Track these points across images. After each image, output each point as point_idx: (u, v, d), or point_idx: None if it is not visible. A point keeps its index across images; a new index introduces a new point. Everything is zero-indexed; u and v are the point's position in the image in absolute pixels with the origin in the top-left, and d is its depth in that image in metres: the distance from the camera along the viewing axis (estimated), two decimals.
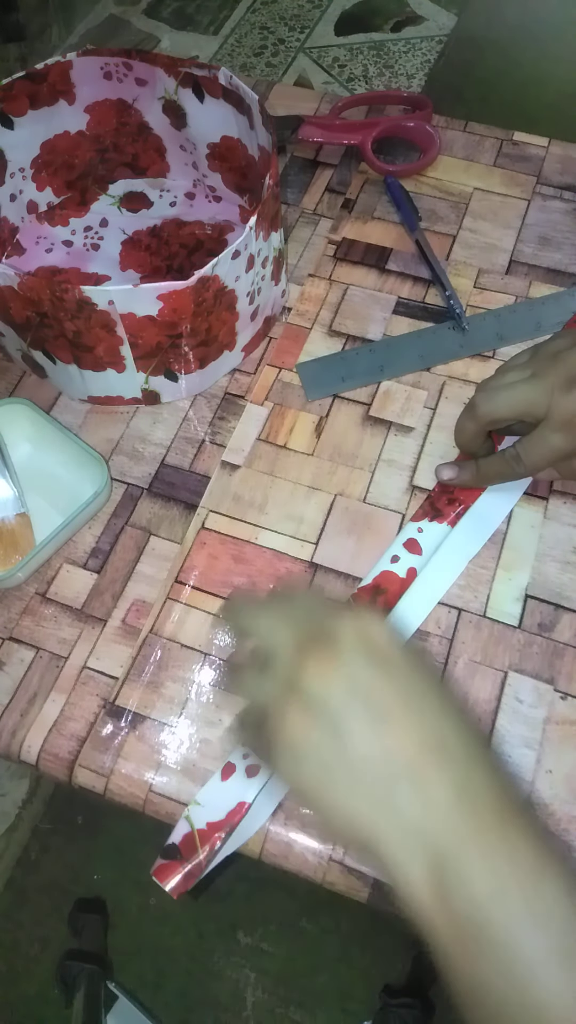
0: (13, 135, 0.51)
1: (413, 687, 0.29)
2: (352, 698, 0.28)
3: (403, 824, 0.27)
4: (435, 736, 0.28)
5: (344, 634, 0.30)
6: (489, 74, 1.62)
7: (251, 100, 0.47)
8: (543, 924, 0.26)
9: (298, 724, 0.29)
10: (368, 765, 0.28)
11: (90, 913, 0.89)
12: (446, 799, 0.27)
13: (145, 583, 0.44)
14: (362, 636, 0.30)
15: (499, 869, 0.26)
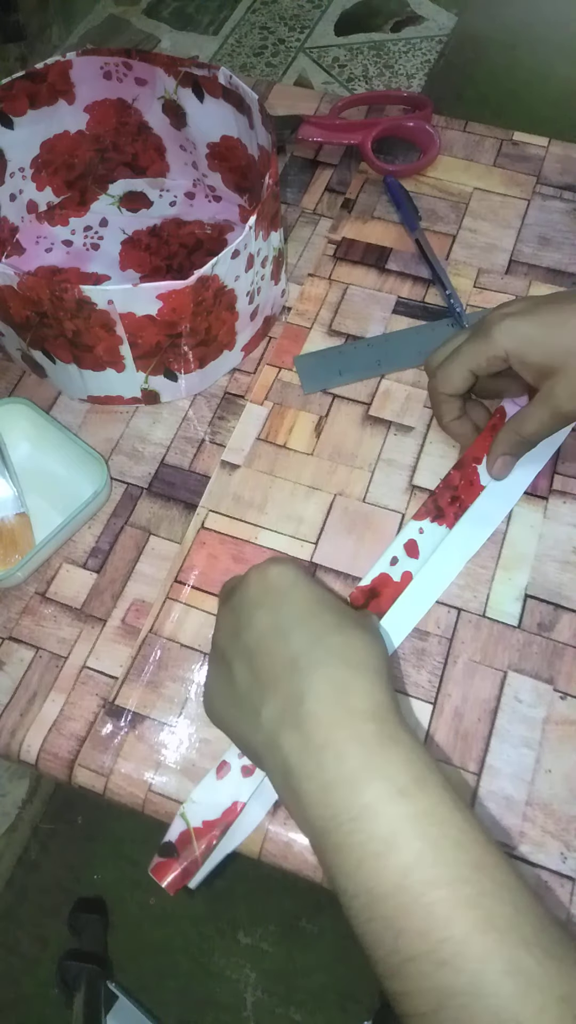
0: (13, 135, 0.51)
1: (286, 617, 0.32)
2: (234, 640, 0.33)
3: (264, 742, 0.31)
4: (296, 653, 0.31)
5: (240, 588, 0.35)
6: (489, 74, 1.62)
7: (251, 100, 0.47)
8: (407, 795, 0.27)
9: (210, 673, 0.36)
10: (244, 694, 0.32)
11: (90, 913, 0.89)
12: (292, 714, 0.30)
13: (145, 583, 0.44)
14: (252, 584, 0.34)
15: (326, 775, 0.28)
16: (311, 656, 0.31)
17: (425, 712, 0.40)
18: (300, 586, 0.33)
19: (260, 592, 0.34)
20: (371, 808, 0.27)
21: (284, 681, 0.31)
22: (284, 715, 0.30)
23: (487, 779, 0.38)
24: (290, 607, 0.33)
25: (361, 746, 0.28)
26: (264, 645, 0.32)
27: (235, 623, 0.34)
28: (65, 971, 0.82)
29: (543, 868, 0.36)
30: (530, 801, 0.38)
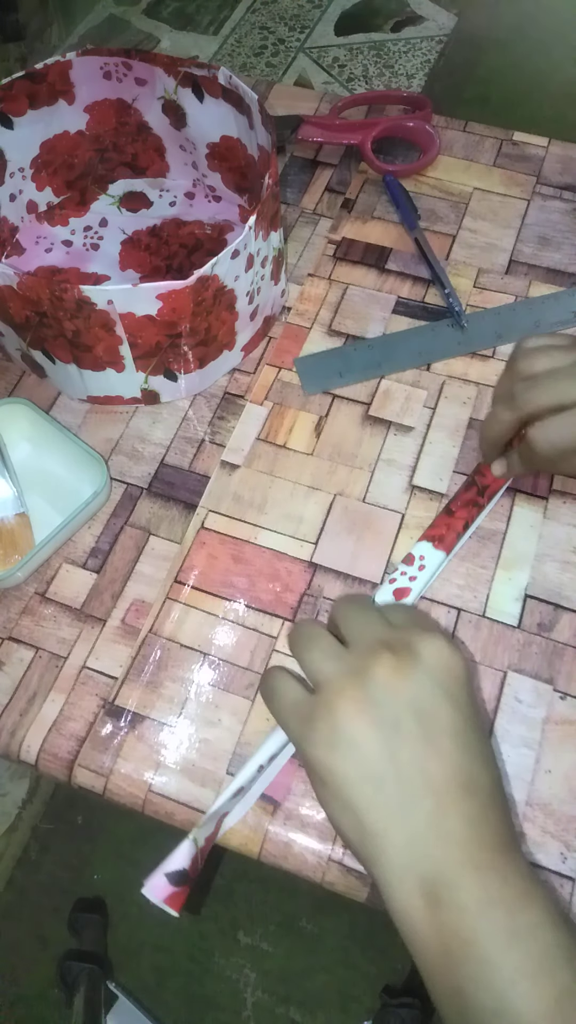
0: (13, 135, 0.51)
1: (464, 722, 0.31)
2: (409, 716, 0.30)
3: (413, 838, 0.29)
4: (467, 773, 0.30)
5: (427, 653, 0.31)
6: (489, 74, 1.62)
7: (251, 100, 0.47)
8: (524, 941, 0.27)
9: (350, 713, 0.30)
10: (400, 781, 0.29)
11: (90, 913, 0.89)
12: (458, 830, 0.29)
13: (144, 583, 0.44)
14: (441, 661, 0.31)
15: (489, 889, 0.28)
16: (483, 780, 0.30)
17: None
18: (474, 693, 0.32)
19: (447, 676, 0.31)
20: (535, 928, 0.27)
21: (454, 797, 0.29)
22: (443, 828, 0.29)
23: None
24: (472, 714, 0.31)
25: (521, 877, 0.28)
26: (442, 744, 0.30)
27: (411, 688, 0.30)
28: (65, 971, 0.82)
29: (543, 868, 0.36)
30: (530, 801, 0.38)
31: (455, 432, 0.48)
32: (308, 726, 0.31)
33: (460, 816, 0.29)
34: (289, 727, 0.32)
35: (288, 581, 0.44)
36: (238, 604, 0.43)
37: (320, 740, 0.30)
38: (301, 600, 0.43)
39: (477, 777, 0.30)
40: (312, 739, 0.31)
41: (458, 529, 0.43)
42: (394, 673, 0.30)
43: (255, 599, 0.43)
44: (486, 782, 0.30)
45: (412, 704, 0.30)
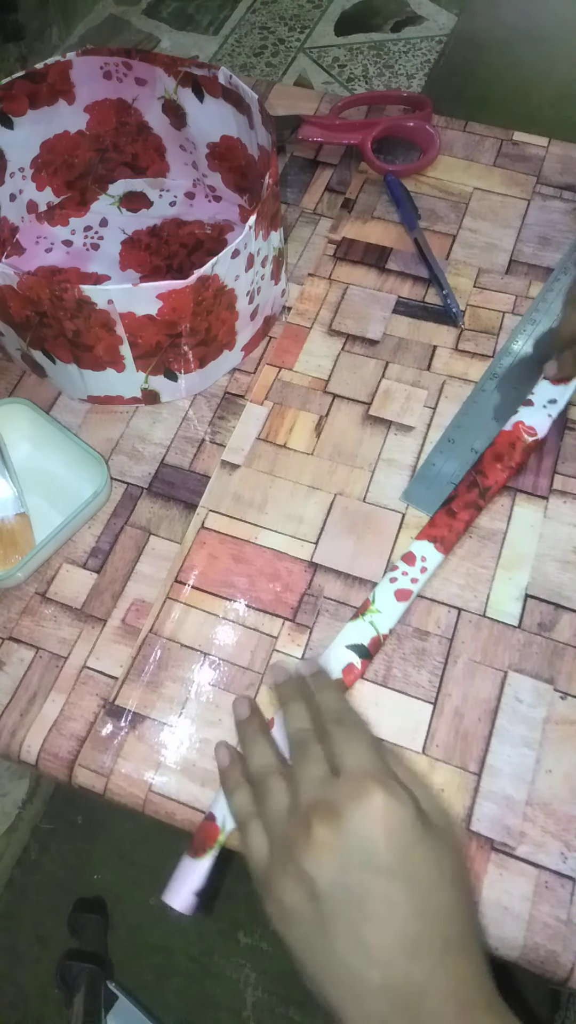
0: (13, 135, 0.51)
1: (402, 885, 0.29)
2: (339, 888, 0.29)
3: (367, 1017, 0.28)
4: (409, 938, 0.28)
5: (353, 819, 0.30)
6: (489, 74, 1.62)
7: (251, 100, 0.47)
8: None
9: (288, 892, 0.30)
10: (342, 957, 0.29)
11: (90, 913, 0.89)
12: (408, 1002, 0.28)
13: (145, 583, 0.44)
14: (370, 826, 0.29)
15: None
16: (432, 942, 0.28)
17: (425, 712, 0.40)
18: (421, 845, 0.30)
19: (381, 839, 0.29)
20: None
21: (401, 968, 0.28)
22: (397, 1001, 0.28)
23: (487, 779, 0.38)
24: (415, 870, 0.29)
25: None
26: (377, 913, 0.29)
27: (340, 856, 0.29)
28: (65, 971, 0.82)
29: (543, 868, 0.36)
30: (530, 801, 0.38)
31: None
32: (266, 894, 0.31)
33: (409, 985, 0.28)
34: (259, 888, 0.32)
35: (288, 581, 0.44)
36: (238, 604, 0.43)
37: (274, 912, 0.31)
38: (301, 600, 0.43)
39: (421, 938, 0.28)
40: (270, 909, 0.31)
41: (459, 531, 0.43)
42: (320, 846, 0.29)
43: (255, 599, 0.43)
44: (434, 943, 0.28)
45: (341, 874, 0.29)
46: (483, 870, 0.36)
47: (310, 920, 0.29)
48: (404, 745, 0.39)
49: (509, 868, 0.36)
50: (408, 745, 0.39)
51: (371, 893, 0.29)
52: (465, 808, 0.38)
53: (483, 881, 0.36)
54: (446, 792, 0.38)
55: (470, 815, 0.38)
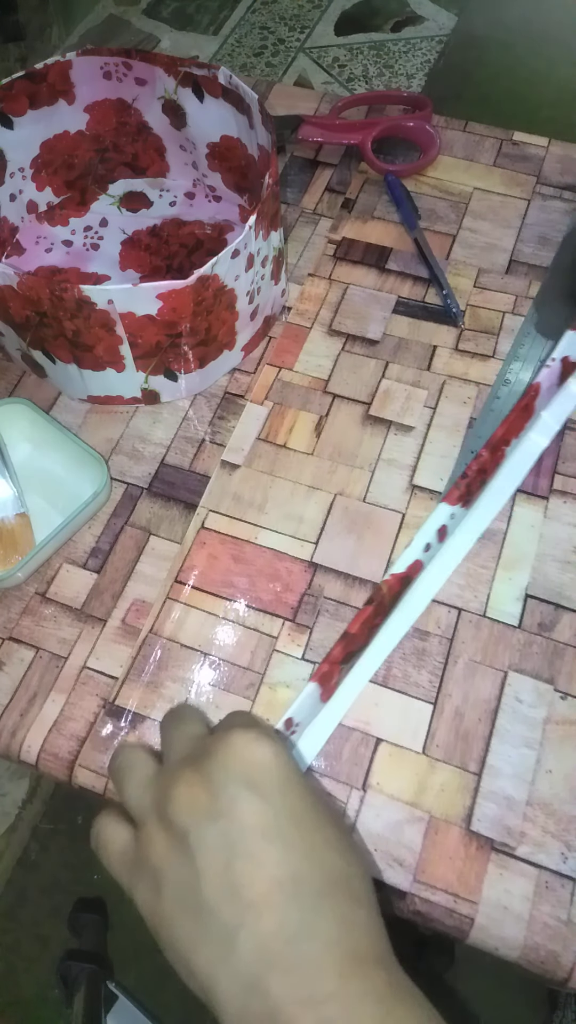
0: (13, 135, 0.51)
1: (279, 816, 0.27)
2: (210, 828, 0.26)
3: (240, 972, 0.24)
4: (287, 874, 0.26)
5: (218, 756, 0.28)
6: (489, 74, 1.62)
7: (251, 100, 0.47)
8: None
9: (159, 849, 0.27)
10: (214, 908, 0.25)
11: (90, 913, 0.89)
12: (282, 954, 0.24)
13: (145, 583, 0.44)
14: (239, 757, 0.28)
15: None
16: (312, 880, 0.25)
17: (425, 712, 0.40)
18: (299, 780, 0.28)
19: (250, 771, 0.27)
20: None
21: (277, 906, 0.25)
22: (272, 951, 0.24)
23: (487, 779, 0.38)
24: (288, 805, 0.27)
25: (376, 1003, 0.24)
26: (252, 847, 0.26)
27: (211, 799, 0.27)
28: (65, 971, 0.82)
29: (543, 868, 0.36)
30: (531, 801, 0.38)
31: (455, 432, 0.48)
32: (133, 874, 0.28)
33: (282, 932, 0.24)
34: (121, 881, 0.29)
35: (288, 581, 0.44)
36: (238, 604, 0.43)
37: (144, 887, 0.27)
38: (301, 600, 0.43)
39: (302, 876, 0.26)
40: (138, 888, 0.27)
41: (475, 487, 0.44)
42: (191, 788, 0.27)
43: (255, 599, 0.43)
44: (315, 881, 0.26)
45: (212, 813, 0.26)
46: (483, 870, 0.36)
47: (179, 876, 0.26)
48: (404, 745, 0.39)
49: (509, 868, 0.36)
50: (408, 745, 0.39)
51: (243, 826, 0.26)
52: (465, 808, 0.38)
53: (483, 881, 0.36)
54: (446, 792, 0.38)
55: (470, 815, 0.38)
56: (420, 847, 0.37)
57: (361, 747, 0.39)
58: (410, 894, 0.36)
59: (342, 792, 0.38)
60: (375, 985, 0.24)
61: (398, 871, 0.36)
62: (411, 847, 0.37)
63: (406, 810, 0.38)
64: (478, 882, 0.36)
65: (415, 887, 0.36)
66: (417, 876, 0.36)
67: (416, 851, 0.37)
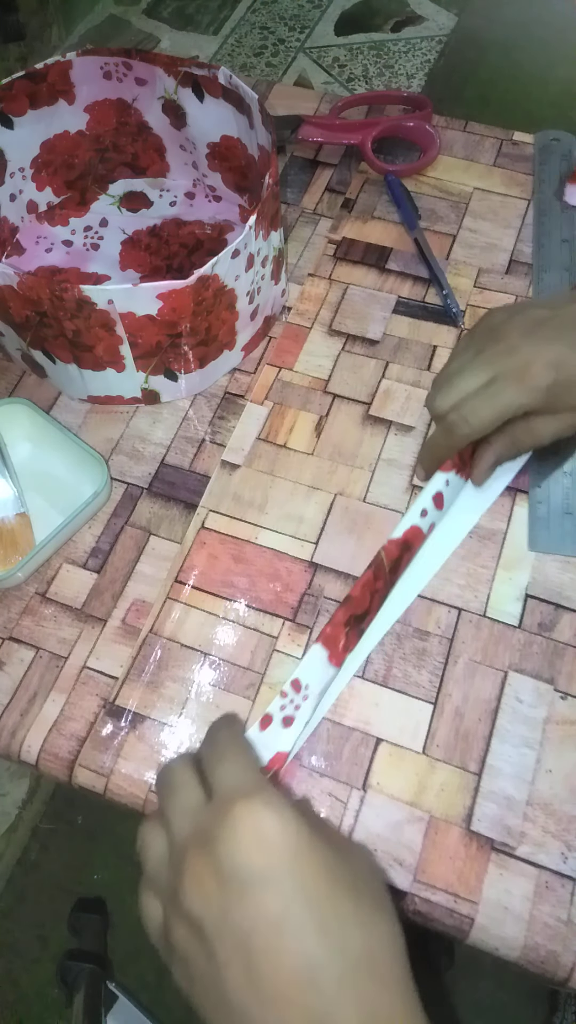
0: (13, 135, 0.51)
1: (292, 901, 0.25)
2: (225, 924, 0.25)
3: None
4: (304, 963, 0.25)
5: (223, 840, 0.26)
6: (489, 74, 1.62)
7: (251, 100, 0.47)
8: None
9: (180, 941, 0.27)
10: (237, 1004, 0.25)
11: (90, 913, 0.89)
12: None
13: (145, 583, 0.44)
14: (243, 841, 0.26)
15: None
16: (332, 968, 0.24)
17: (426, 712, 0.40)
18: (309, 852, 0.26)
19: (259, 856, 0.26)
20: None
21: (298, 1000, 0.24)
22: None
23: (488, 779, 0.38)
24: (300, 885, 0.25)
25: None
26: (267, 942, 0.25)
27: (218, 887, 0.26)
28: (65, 971, 0.82)
29: (544, 868, 0.36)
30: (531, 801, 0.38)
31: None
32: (168, 955, 0.28)
33: (309, 1019, 0.24)
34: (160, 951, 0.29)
35: (288, 581, 0.44)
36: (238, 604, 0.43)
37: (177, 968, 0.27)
38: (301, 600, 0.43)
39: (323, 963, 0.25)
40: (174, 968, 0.28)
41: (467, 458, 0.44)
42: (199, 879, 0.26)
43: (256, 599, 0.43)
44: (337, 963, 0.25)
45: (223, 907, 0.26)
46: (483, 870, 0.36)
47: (204, 968, 0.26)
48: (404, 745, 0.39)
49: (509, 868, 0.36)
50: (408, 745, 0.39)
51: (256, 918, 0.25)
52: (465, 808, 0.38)
53: (483, 881, 0.36)
54: (446, 792, 0.38)
55: (470, 815, 0.38)
56: (420, 847, 0.37)
57: (361, 747, 0.39)
58: (410, 894, 0.36)
59: (342, 792, 0.38)
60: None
61: (398, 871, 0.36)
62: (411, 847, 0.37)
63: (406, 810, 0.38)
64: (478, 882, 0.36)
65: (415, 887, 0.36)
66: (417, 876, 0.36)
67: (416, 851, 0.37)
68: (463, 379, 0.39)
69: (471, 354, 0.39)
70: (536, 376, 0.37)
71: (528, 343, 0.38)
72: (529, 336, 0.38)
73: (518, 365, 0.37)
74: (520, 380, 0.37)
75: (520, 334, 0.38)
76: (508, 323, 0.39)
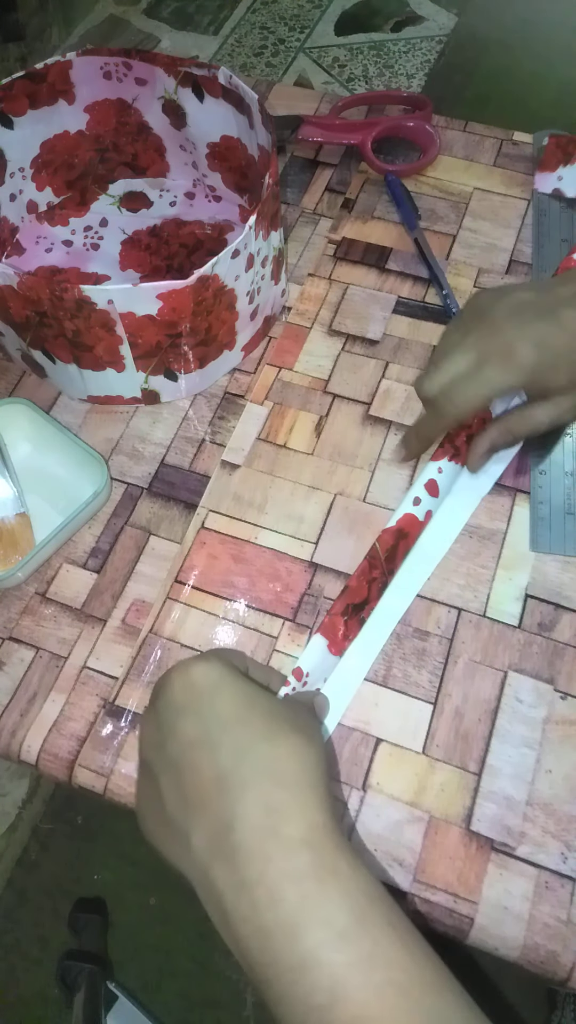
0: (13, 135, 0.51)
1: (209, 723, 0.29)
2: (160, 756, 0.30)
3: (197, 871, 0.28)
4: (216, 771, 0.28)
5: (161, 693, 0.31)
6: (489, 74, 1.62)
7: (251, 100, 0.47)
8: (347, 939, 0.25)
9: (139, 784, 0.32)
10: (173, 816, 0.29)
11: (90, 913, 0.89)
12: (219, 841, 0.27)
13: (145, 583, 0.44)
14: (172, 688, 0.31)
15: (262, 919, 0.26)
16: (239, 773, 0.28)
17: (426, 712, 0.40)
18: (226, 686, 0.30)
19: (184, 695, 0.30)
20: (311, 956, 0.25)
21: (213, 803, 0.28)
22: (214, 844, 0.27)
23: (487, 779, 0.38)
24: (215, 712, 0.30)
25: (296, 884, 0.26)
26: (189, 758, 0.29)
27: (159, 731, 0.30)
28: (65, 971, 0.82)
29: (543, 868, 0.36)
30: (530, 801, 0.38)
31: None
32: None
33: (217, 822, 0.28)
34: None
35: (288, 581, 0.44)
36: (238, 604, 0.43)
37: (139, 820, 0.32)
38: (301, 600, 0.43)
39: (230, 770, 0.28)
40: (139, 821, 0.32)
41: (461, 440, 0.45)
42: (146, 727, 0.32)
43: (255, 599, 0.43)
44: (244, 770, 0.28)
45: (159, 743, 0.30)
46: (483, 870, 0.36)
47: (154, 800, 0.30)
48: (404, 745, 0.39)
49: (509, 868, 0.36)
50: (408, 745, 0.39)
51: (181, 743, 0.29)
52: (465, 808, 0.38)
53: (483, 881, 0.36)
54: (446, 792, 0.38)
55: (470, 815, 0.38)
56: (420, 847, 0.37)
57: (361, 747, 0.39)
58: (410, 894, 0.36)
59: (342, 792, 0.38)
60: (296, 866, 0.26)
61: (398, 871, 0.36)
62: (411, 847, 0.37)
63: (406, 810, 0.38)
64: (478, 882, 0.36)
65: (415, 887, 0.36)
66: (417, 876, 0.36)
67: (416, 851, 0.37)
68: (449, 361, 0.39)
69: (458, 336, 0.39)
70: (520, 356, 0.37)
71: (512, 324, 0.38)
72: (513, 317, 0.38)
73: (502, 346, 0.37)
74: (505, 360, 0.37)
75: (505, 315, 0.38)
76: (494, 305, 0.39)
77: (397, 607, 0.42)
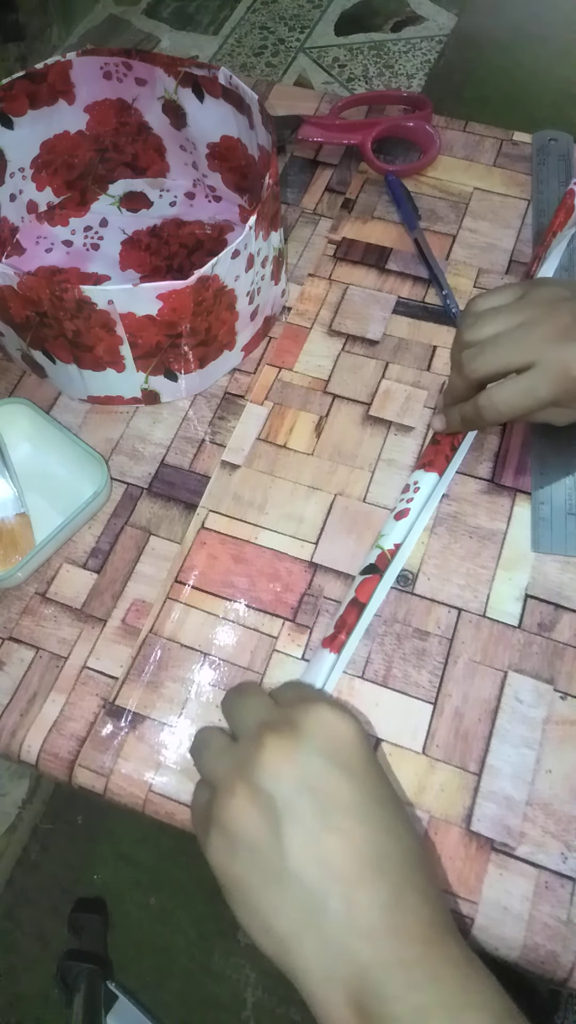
0: (13, 135, 0.51)
1: (365, 795, 0.28)
2: (299, 798, 0.27)
3: (327, 939, 0.26)
4: (374, 852, 0.27)
5: (308, 726, 0.29)
6: (489, 74, 1.62)
7: (251, 100, 0.47)
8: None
9: (240, 811, 0.28)
10: (300, 876, 0.26)
11: (90, 913, 0.89)
12: (375, 922, 0.26)
13: (145, 583, 0.44)
14: (326, 732, 0.29)
15: (420, 992, 0.25)
16: (395, 858, 0.27)
17: (425, 712, 0.40)
18: (376, 762, 0.29)
19: (336, 746, 0.28)
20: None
21: (366, 880, 0.26)
22: (362, 920, 0.26)
23: (487, 779, 0.38)
24: (371, 784, 0.28)
25: (455, 968, 0.26)
26: (341, 822, 0.27)
27: (296, 768, 0.28)
28: (65, 971, 0.82)
29: (543, 868, 0.36)
30: (530, 801, 0.38)
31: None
32: (207, 833, 0.28)
33: (374, 904, 0.26)
34: (199, 838, 0.30)
35: (288, 581, 0.44)
36: (238, 604, 0.43)
37: (218, 846, 0.28)
38: (301, 600, 0.43)
39: (387, 854, 0.27)
40: (211, 846, 0.28)
41: (446, 452, 0.45)
42: (277, 754, 0.28)
43: (255, 599, 0.43)
44: (397, 858, 0.27)
45: (301, 783, 0.27)
46: (483, 870, 0.36)
47: (264, 842, 0.27)
48: (404, 745, 0.39)
49: (509, 868, 0.36)
50: (408, 745, 0.39)
51: (338, 800, 0.27)
52: (465, 808, 0.38)
53: (483, 881, 0.36)
54: (446, 792, 0.38)
55: (470, 815, 0.38)
56: None
57: None
58: None
59: None
60: (452, 952, 0.26)
61: None
62: None
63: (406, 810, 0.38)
64: (478, 882, 0.36)
65: None
66: None
67: None
68: (502, 347, 0.37)
69: (515, 320, 0.37)
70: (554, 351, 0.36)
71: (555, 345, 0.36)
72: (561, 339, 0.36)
73: (559, 362, 0.36)
74: (560, 377, 0.36)
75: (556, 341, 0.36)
76: (565, 304, 0.37)
77: (375, 600, 0.43)
